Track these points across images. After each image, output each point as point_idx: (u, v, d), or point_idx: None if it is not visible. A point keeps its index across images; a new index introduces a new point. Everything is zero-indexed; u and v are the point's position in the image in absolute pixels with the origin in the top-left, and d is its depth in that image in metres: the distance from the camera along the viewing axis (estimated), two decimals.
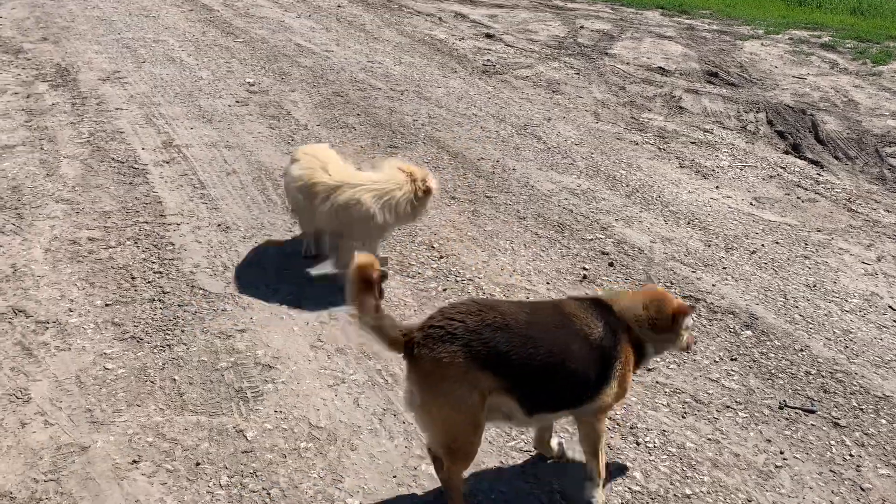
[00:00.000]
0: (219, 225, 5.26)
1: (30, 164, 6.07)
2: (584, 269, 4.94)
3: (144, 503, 2.96)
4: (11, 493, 2.99)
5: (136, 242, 4.97)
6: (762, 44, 11.97)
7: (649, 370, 3.92)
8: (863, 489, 3.21)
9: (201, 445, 3.28)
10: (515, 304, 3.04)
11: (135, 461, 3.17)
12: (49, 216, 5.25)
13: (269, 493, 3.03)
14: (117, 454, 3.21)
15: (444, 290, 4.63)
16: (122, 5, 12.81)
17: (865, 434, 3.55)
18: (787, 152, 7.50)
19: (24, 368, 3.71)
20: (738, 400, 3.74)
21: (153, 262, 4.74)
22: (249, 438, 3.33)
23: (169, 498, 3.00)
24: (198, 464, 3.17)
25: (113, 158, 6.12)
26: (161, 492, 3.03)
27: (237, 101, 7.96)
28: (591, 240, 5.34)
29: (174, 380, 3.70)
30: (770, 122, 8.27)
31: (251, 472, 3.14)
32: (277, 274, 4.68)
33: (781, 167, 7.02)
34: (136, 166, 6.08)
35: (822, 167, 7.11)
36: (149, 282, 4.53)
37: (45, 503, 2.95)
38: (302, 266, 4.79)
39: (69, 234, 5.01)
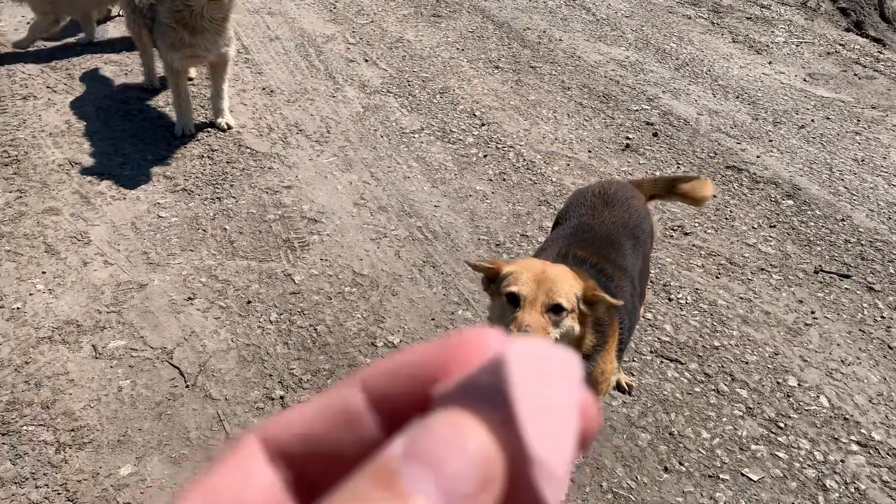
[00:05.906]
0: (263, 88, 5.31)
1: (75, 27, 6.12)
2: (628, 138, 4.90)
3: (200, 334, 3.17)
4: (77, 321, 3.22)
5: None
6: None
7: (686, 234, 3.96)
8: (890, 347, 3.28)
9: (252, 286, 3.46)
10: None
11: (189, 298, 3.37)
12: (98, 77, 5.34)
13: (315, 329, 3.22)
14: (173, 291, 3.41)
15: (485, 156, 4.66)
16: None
17: None
18: (847, 29, 7.17)
19: (83, 214, 3.90)
20: (773, 263, 3.78)
21: (201, 122, 4.83)
22: (297, 282, 3.50)
23: (222, 330, 3.20)
24: (249, 302, 3.36)
25: None
26: (215, 325, 3.23)
27: None
28: (637, 110, 5.27)
29: (225, 229, 3.86)
30: None
31: (299, 310, 3.32)
32: (321, 137, 4.75)
33: (840, 44, 6.73)
34: None
35: (883, 45, 6.80)
36: (197, 140, 4.64)
37: (109, 331, 3.18)
38: (347, 133, 4.85)
39: (119, 94, 5.11)
